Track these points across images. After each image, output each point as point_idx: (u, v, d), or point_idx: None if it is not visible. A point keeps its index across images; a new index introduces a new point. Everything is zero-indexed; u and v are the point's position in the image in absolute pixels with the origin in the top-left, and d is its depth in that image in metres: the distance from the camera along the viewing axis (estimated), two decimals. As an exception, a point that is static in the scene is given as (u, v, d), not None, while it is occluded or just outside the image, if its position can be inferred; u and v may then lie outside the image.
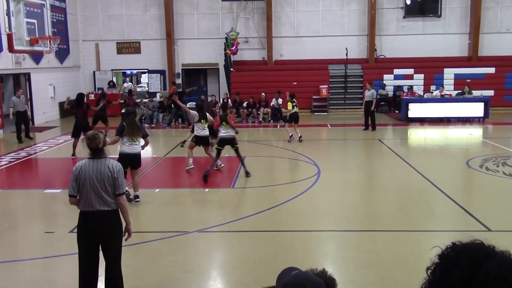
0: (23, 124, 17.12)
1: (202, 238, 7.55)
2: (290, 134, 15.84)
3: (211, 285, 5.95)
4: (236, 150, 11.52)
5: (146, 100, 22.38)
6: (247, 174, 11.14)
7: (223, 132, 11.29)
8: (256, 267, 6.30)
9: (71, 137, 14.14)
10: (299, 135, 15.78)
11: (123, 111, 10.70)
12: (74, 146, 13.73)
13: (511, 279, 1.36)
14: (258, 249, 6.95)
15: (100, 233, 4.91)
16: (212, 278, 6.17)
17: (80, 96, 14.55)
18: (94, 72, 26.56)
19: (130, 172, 9.14)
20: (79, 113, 13.95)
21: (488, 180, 10.91)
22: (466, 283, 1.38)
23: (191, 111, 12.52)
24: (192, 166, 12.08)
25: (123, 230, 5.10)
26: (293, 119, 15.76)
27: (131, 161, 9.10)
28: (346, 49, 24.98)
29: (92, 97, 24.08)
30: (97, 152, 4.98)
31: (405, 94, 22.39)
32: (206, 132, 11.82)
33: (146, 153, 15.46)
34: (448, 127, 19.66)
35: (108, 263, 5.05)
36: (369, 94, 18.59)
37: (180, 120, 21.14)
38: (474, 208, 8.65)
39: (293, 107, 15.71)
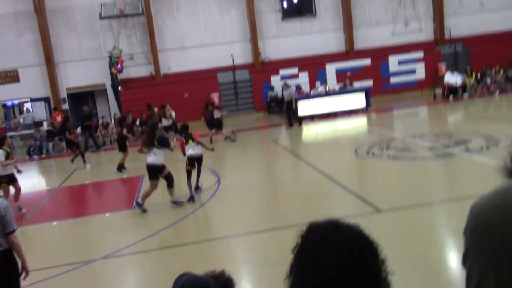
0: None
1: (109, 264, 7.38)
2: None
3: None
4: (199, 168, 10.89)
5: (32, 130, 21.28)
6: (197, 188, 10.85)
7: (191, 151, 10.59)
8: (167, 284, 6.29)
9: None
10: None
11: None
12: None
13: (353, 247, 1.56)
14: (166, 267, 6.94)
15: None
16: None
17: None
18: (-31, 107, 24.76)
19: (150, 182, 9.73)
20: None
21: (374, 165, 11.73)
22: (317, 255, 1.56)
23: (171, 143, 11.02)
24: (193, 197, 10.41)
25: (20, 269, 4.89)
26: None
27: (152, 171, 9.65)
28: (232, 55, 25.52)
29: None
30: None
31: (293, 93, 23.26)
32: (199, 151, 10.77)
33: (40, 185, 14.79)
34: (336, 120, 20.75)
35: (8, 307, 4.81)
36: (287, 94, 19.69)
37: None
38: (364, 192, 9.27)
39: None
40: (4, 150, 10.14)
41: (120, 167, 14.21)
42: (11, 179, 10.51)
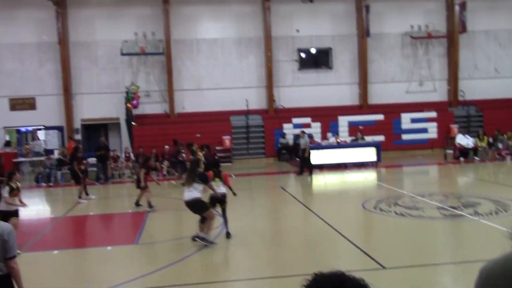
0: None
1: (105, 298, 7.29)
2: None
3: None
4: (224, 210, 10.42)
5: (43, 157, 21.43)
6: (228, 235, 10.30)
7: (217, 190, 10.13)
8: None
9: None
10: None
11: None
12: None
13: None
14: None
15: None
16: None
17: None
18: (-16, 130, 25.11)
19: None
20: None
21: (381, 220, 11.61)
22: None
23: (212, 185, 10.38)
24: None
25: (17, 296, 4.84)
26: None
27: (189, 207, 9.57)
28: (246, 100, 25.86)
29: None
30: (-15, 215, 4.76)
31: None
32: (222, 190, 10.41)
33: (44, 213, 14.78)
34: (345, 172, 20.72)
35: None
36: (303, 142, 19.73)
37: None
38: (369, 248, 9.15)
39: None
40: (10, 185, 9.62)
41: (137, 203, 14.06)
42: (15, 214, 9.76)
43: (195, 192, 9.56)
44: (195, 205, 9.58)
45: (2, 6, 25.07)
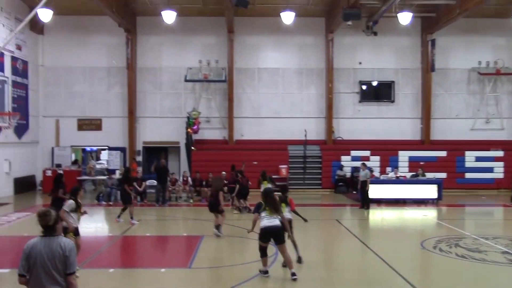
0: None
1: (156, 321, 7.31)
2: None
3: None
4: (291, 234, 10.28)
5: (105, 177, 22.15)
6: (300, 260, 10.56)
7: (267, 220, 9.40)
8: None
9: None
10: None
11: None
12: None
13: None
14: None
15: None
16: None
17: (58, 176, 14.31)
18: (52, 148, 26.29)
19: (278, 248, 9.41)
20: (55, 195, 13.61)
21: (441, 261, 11.10)
22: None
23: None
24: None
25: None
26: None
27: (271, 235, 9.24)
28: (305, 130, 25.82)
29: (49, 173, 23.73)
30: (48, 229, 4.91)
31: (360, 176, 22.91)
32: (289, 216, 10.39)
33: (103, 231, 15.16)
34: (404, 208, 20.11)
35: None
36: (363, 174, 19.45)
37: (139, 198, 20.93)
38: (428, 289, 8.76)
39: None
40: (76, 200, 9.74)
41: (217, 228, 13.97)
42: (75, 233, 9.85)
43: (278, 220, 9.38)
44: (281, 234, 9.36)
45: (77, 31, 26.45)
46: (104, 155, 27.42)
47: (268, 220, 9.34)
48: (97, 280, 9.31)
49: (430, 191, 21.45)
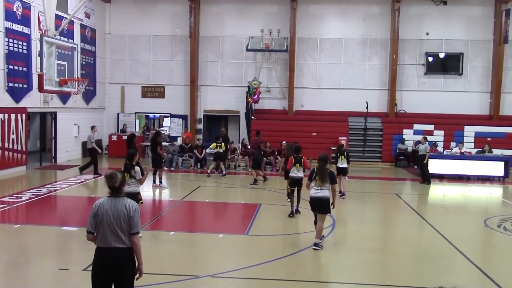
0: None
1: (213, 283, 7.54)
2: None
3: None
4: (299, 191, 12.31)
5: (167, 143, 22.74)
6: (297, 211, 12.32)
7: (294, 173, 12.10)
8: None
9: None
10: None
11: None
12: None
13: None
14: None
15: (114, 270, 5.01)
16: (221, 324, 6.16)
17: (131, 136, 15.02)
18: (118, 114, 27.21)
19: (318, 216, 9.52)
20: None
21: (505, 241, 10.75)
22: None
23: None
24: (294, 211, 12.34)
25: (135, 269, 5.18)
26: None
27: (317, 205, 9.43)
28: (367, 102, 25.31)
29: (114, 138, 24.64)
30: (114, 190, 5.14)
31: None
32: (301, 174, 12.17)
33: (164, 195, 15.68)
34: (467, 185, 19.49)
35: (119, 301, 5.10)
36: (423, 147, 19.13)
37: (199, 164, 21.41)
38: (489, 268, 8.53)
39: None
40: (137, 165, 9.84)
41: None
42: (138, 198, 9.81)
43: (326, 191, 9.45)
44: (327, 204, 9.45)
45: (142, 0, 26.95)
46: (166, 122, 28.10)
47: (316, 190, 9.44)
48: (158, 242, 9.69)
49: (496, 168, 20.63)
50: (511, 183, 20.04)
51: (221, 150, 19.64)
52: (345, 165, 15.39)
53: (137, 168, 9.73)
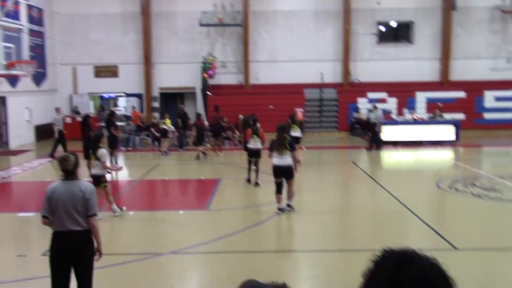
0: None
1: (176, 259, 7.61)
2: None
3: (183, 305, 6.03)
4: (257, 162, 12.68)
5: (123, 123, 22.40)
6: (256, 184, 12.50)
7: (252, 144, 12.66)
8: (228, 286, 6.38)
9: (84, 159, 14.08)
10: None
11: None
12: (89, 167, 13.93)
13: (427, 279, 1.51)
14: (231, 270, 7.05)
15: (72, 253, 4.99)
16: (184, 298, 6.25)
17: (86, 117, 14.68)
18: (71, 95, 26.55)
19: (286, 182, 9.91)
20: (85, 134, 14.08)
21: (456, 201, 11.23)
22: (388, 283, 1.52)
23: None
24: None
25: (95, 251, 5.18)
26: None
27: (281, 173, 9.80)
28: (321, 73, 25.55)
29: (69, 120, 24.08)
30: (68, 174, 5.08)
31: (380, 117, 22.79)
32: (258, 146, 12.69)
33: (122, 175, 15.53)
34: (420, 150, 20.11)
35: (80, 283, 5.10)
36: (374, 116, 19.69)
37: (156, 143, 21.24)
38: (442, 228, 8.91)
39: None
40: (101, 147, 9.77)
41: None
42: (105, 180, 9.88)
43: (288, 159, 9.81)
44: (290, 171, 9.84)
45: (89, -24, 26.12)
46: (121, 101, 27.62)
47: (278, 159, 9.81)
48: (117, 223, 9.65)
49: (447, 133, 21.32)
50: (462, 146, 20.79)
51: (165, 127, 19.67)
52: (298, 134, 15.72)
53: (102, 150, 9.65)
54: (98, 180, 9.61)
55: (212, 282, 6.70)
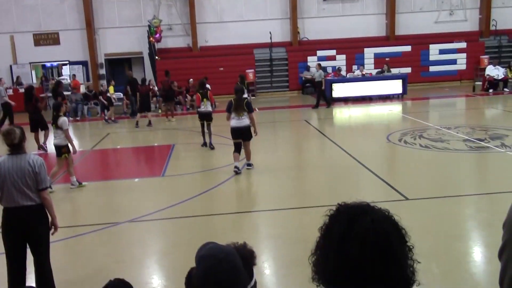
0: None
1: (134, 227, 7.55)
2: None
3: (145, 272, 6.02)
4: (209, 125, 12.80)
5: (69, 92, 21.67)
6: (211, 147, 12.71)
7: (202, 108, 12.76)
8: (189, 252, 6.38)
9: (31, 132, 13.56)
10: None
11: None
12: (36, 140, 13.57)
13: (379, 230, 1.56)
14: (190, 234, 7.06)
15: (26, 229, 4.85)
16: (145, 265, 6.23)
17: (29, 88, 13.96)
18: (10, 66, 25.35)
19: (242, 143, 10.12)
20: (30, 108, 13.51)
21: (405, 153, 11.59)
22: (342, 235, 1.58)
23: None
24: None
25: (50, 225, 5.05)
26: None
27: (239, 134, 10.01)
28: (270, 33, 25.37)
29: (10, 92, 23.03)
30: (14, 147, 4.88)
31: (329, 75, 23.03)
32: (208, 108, 12.88)
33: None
34: (370, 105, 20.51)
35: (36, 258, 4.98)
36: (318, 74, 19.72)
37: (106, 111, 20.71)
38: (393, 180, 9.20)
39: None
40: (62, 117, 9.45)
41: None
42: (67, 150, 9.58)
43: (246, 120, 10.02)
44: (248, 132, 10.09)
45: None
46: (65, 70, 26.63)
47: (236, 120, 10.01)
48: (71, 195, 9.45)
49: (395, 87, 21.82)
50: (409, 99, 21.34)
51: (108, 94, 19.65)
52: (245, 95, 15.70)
53: (63, 119, 9.36)
54: (59, 151, 9.43)
55: (172, 247, 6.70)
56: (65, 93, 22.55)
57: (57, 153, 9.60)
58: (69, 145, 9.54)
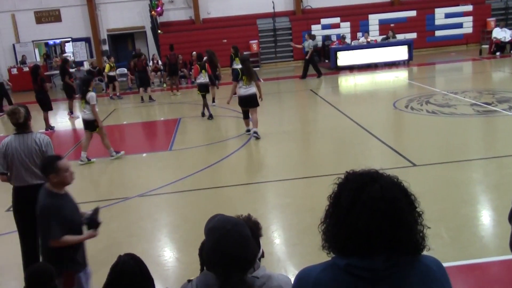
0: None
1: (144, 202, 7.61)
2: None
3: (157, 245, 6.09)
4: (204, 96, 13.16)
5: (73, 70, 21.60)
6: (210, 117, 12.95)
7: (202, 79, 13.13)
8: (198, 224, 6.44)
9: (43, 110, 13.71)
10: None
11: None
12: (45, 120, 13.72)
13: (388, 197, 1.56)
14: (199, 207, 7.12)
15: (36, 207, 4.90)
16: (156, 239, 6.30)
17: (35, 68, 13.84)
18: (13, 44, 25.26)
19: (250, 111, 10.48)
20: (36, 87, 13.51)
21: (412, 119, 11.52)
22: (352, 203, 1.58)
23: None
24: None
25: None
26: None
27: (248, 102, 10.37)
28: (273, 2, 25.03)
29: (14, 71, 23.06)
30: (20, 127, 4.89)
31: (334, 43, 22.79)
32: (206, 79, 13.33)
33: (79, 124, 15.16)
34: (376, 72, 20.33)
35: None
36: (306, 44, 19.78)
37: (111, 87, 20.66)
38: (400, 146, 9.19)
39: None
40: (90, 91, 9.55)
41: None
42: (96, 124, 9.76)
43: (253, 88, 10.36)
44: (255, 99, 10.43)
45: None
46: (68, 47, 26.50)
47: (244, 89, 10.33)
48: (81, 171, 9.51)
49: (400, 53, 21.57)
50: (415, 65, 21.12)
51: (104, 73, 19.86)
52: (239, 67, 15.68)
53: (92, 94, 9.43)
54: (92, 125, 9.56)
55: (182, 220, 6.76)
56: (70, 70, 22.55)
57: (90, 127, 9.69)
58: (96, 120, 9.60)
